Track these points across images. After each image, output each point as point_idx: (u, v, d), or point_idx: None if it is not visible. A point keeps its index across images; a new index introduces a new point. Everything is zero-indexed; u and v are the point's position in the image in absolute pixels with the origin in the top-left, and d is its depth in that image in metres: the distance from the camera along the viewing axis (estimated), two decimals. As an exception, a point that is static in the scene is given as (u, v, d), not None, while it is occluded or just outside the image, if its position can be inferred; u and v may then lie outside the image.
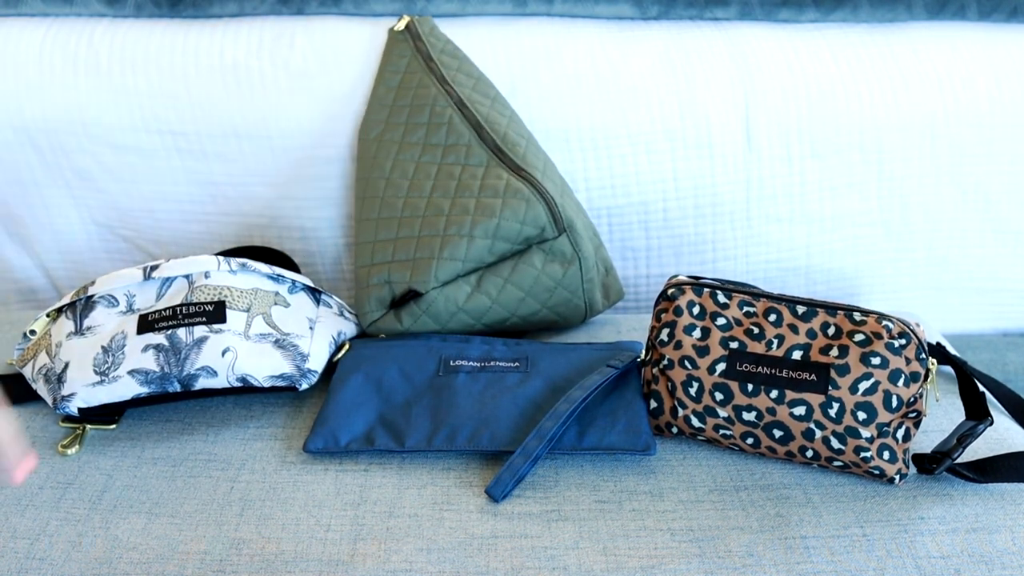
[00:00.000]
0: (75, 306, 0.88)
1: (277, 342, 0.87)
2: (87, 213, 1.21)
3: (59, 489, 0.78)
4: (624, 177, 1.17)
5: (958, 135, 1.18)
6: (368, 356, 0.92)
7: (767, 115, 1.16)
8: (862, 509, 0.77)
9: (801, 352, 0.79)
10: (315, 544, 0.73)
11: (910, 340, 0.78)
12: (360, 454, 0.83)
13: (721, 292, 0.84)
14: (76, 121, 1.15)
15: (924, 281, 1.26)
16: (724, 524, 0.75)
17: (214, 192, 1.18)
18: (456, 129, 1.05)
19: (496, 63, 1.17)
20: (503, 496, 0.77)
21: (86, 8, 1.21)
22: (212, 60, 1.16)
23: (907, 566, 0.71)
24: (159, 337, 0.84)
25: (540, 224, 0.96)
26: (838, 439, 0.77)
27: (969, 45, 1.20)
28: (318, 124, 1.15)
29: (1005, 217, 1.23)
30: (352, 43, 1.18)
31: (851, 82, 1.17)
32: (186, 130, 1.15)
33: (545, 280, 0.98)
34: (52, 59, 1.16)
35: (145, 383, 0.83)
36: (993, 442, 0.85)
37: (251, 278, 0.91)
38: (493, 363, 0.91)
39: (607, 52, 1.18)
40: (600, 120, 1.15)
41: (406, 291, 0.95)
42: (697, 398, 0.81)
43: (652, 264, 1.22)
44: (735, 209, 1.19)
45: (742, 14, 1.23)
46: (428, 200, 0.99)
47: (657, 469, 0.82)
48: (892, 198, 1.21)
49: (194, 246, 1.22)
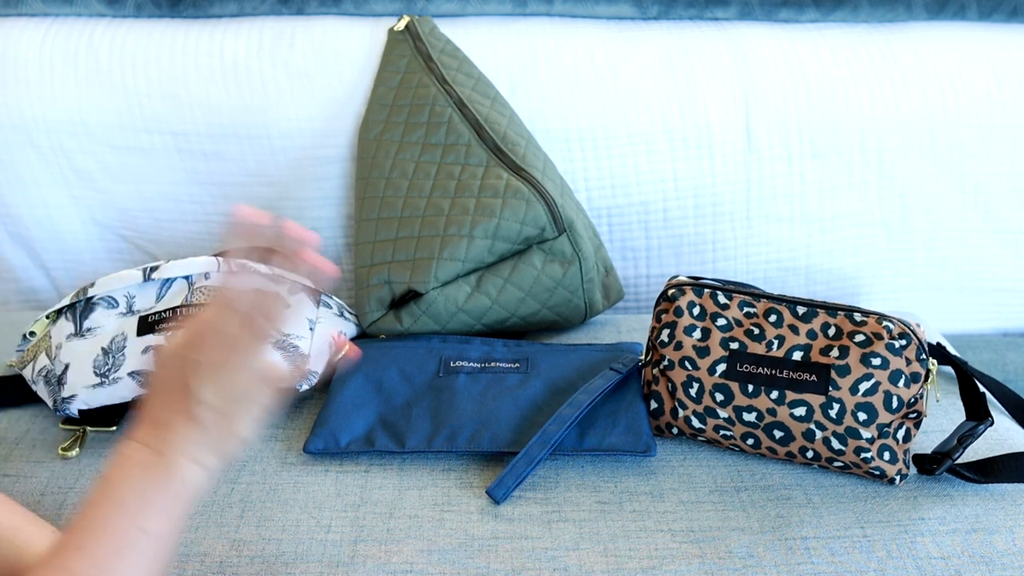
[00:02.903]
0: (75, 308, 0.88)
1: (277, 342, 0.87)
2: (87, 213, 1.20)
3: (60, 495, 0.78)
4: (624, 177, 1.17)
5: (958, 135, 1.18)
6: (368, 357, 0.92)
7: (767, 115, 1.16)
8: (863, 510, 0.77)
9: (801, 353, 0.79)
10: (315, 545, 0.73)
11: (910, 341, 0.78)
12: (360, 455, 0.83)
13: (721, 293, 0.84)
14: (76, 121, 1.15)
15: (924, 281, 1.26)
16: (725, 525, 0.75)
17: (214, 192, 1.18)
18: (456, 129, 1.05)
19: (496, 63, 1.17)
20: (504, 497, 0.77)
21: (86, 8, 1.20)
22: (212, 60, 1.16)
23: (907, 567, 0.71)
24: (159, 338, 0.84)
25: (540, 224, 0.96)
26: (838, 440, 0.77)
27: (969, 45, 1.20)
28: (318, 124, 1.15)
29: (1005, 217, 1.23)
30: (352, 43, 1.18)
31: (851, 82, 1.17)
32: (186, 130, 1.15)
33: (545, 280, 0.98)
34: (52, 59, 1.16)
35: (145, 384, 0.83)
36: (993, 442, 0.85)
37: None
38: (493, 364, 0.91)
39: (607, 52, 1.18)
40: (600, 120, 1.15)
41: (406, 291, 0.95)
42: (697, 399, 0.81)
43: (652, 264, 1.22)
44: (735, 209, 1.19)
45: (742, 14, 1.23)
46: (428, 200, 0.99)
47: (657, 470, 0.82)
48: (892, 198, 1.21)
49: (194, 246, 1.22)
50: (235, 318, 0.61)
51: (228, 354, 0.61)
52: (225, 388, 0.61)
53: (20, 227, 1.21)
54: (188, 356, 0.61)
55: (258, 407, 0.63)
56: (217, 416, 0.61)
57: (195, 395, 0.61)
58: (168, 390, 0.62)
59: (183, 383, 0.61)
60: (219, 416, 0.61)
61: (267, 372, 0.63)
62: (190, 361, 0.61)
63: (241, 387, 0.62)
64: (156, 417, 0.62)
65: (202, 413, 0.61)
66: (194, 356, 0.61)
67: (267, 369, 0.63)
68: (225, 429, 0.62)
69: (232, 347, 0.61)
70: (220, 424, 0.61)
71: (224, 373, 0.61)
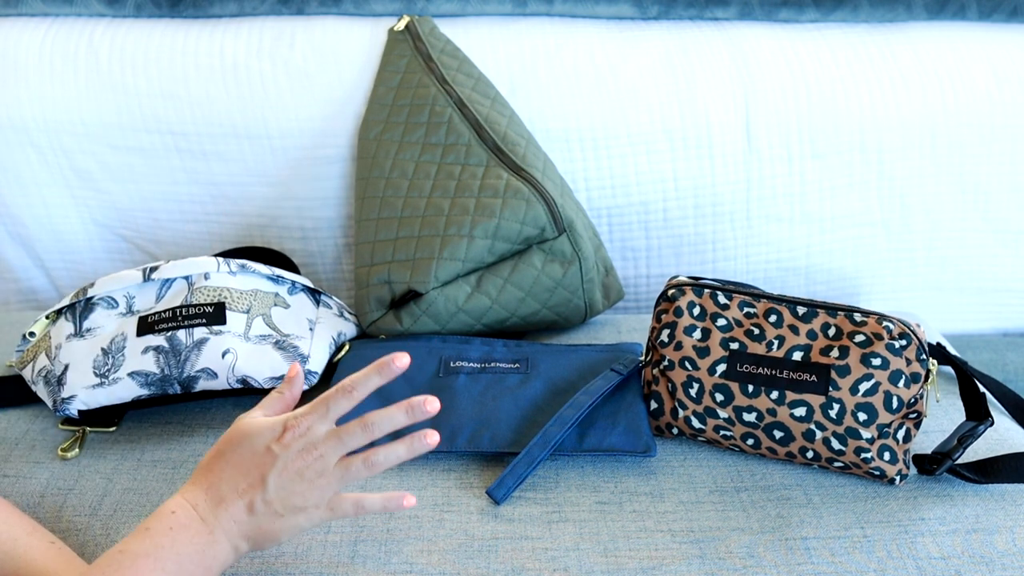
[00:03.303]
0: (74, 308, 0.88)
1: (277, 343, 0.87)
2: (87, 213, 1.20)
3: (60, 496, 0.78)
4: (624, 177, 1.17)
5: (958, 135, 1.18)
6: (368, 357, 0.92)
7: (767, 115, 1.16)
8: (863, 510, 0.77)
9: (802, 353, 0.79)
10: (315, 546, 0.73)
11: (911, 341, 0.78)
12: (360, 455, 0.83)
13: (721, 293, 0.84)
14: (76, 121, 1.15)
15: (924, 281, 1.26)
16: (725, 525, 0.75)
17: (214, 192, 1.18)
18: (456, 129, 1.05)
19: (496, 63, 1.17)
20: (504, 498, 0.77)
21: (86, 8, 1.20)
22: (212, 60, 1.16)
23: (908, 567, 0.71)
24: (159, 339, 0.84)
25: (540, 224, 0.96)
26: (839, 440, 0.77)
27: (969, 45, 1.20)
28: (318, 124, 1.15)
29: (1005, 217, 1.23)
30: (352, 43, 1.18)
31: (851, 82, 1.17)
32: (186, 130, 1.15)
33: (545, 280, 0.98)
34: (52, 59, 1.16)
35: (145, 385, 0.83)
36: (993, 442, 0.85)
37: (251, 279, 0.91)
38: (493, 364, 0.91)
39: (607, 52, 1.18)
40: (600, 120, 1.15)
41: (406, 291, 0.95)
42: (697, 399, 0.81)
43: (652, 264, 1.22)
44: (735, 209, 1.19)
45: (742, 14, 1.23)
46: (428, 200, 0.99)
47: (657, 470, 0.82)
48: (892, 198, 1.21)
49: (194, 246, 1.22)
50: (339, 449, 0.64)
51: (315, 474, 0.63)
52: (293, 497, 0.63)
53: (20, 227, 1.21)
54: (276, 451, 0.63)
55: (307, 523, 0.65)
56: (271, 515, 0.63)
57: (266, 488, 0.63)
58: (240, 467, 0.63)
59: (259, 471, 0.63)
60: (273, 515, 0.63)
61: (334, 503, 0.66)
62: (276, 456, 0.63)
63: (308, 503, 0.64)
64: (217, 490, 0.63)
65: (261, 506, 0.63)
66: (283, 454, 0.63)
67: (335, 501, 0.66)
68: (271, 527, 0.64)
69: (322, 470, 0.63)
70: (269, 521, 0.63)
71: (300, 484, 0.63)
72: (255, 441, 0.63)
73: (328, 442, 0.63)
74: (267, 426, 0.64)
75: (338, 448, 0.64)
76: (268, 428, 0.64)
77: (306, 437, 0.63)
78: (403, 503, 0.67)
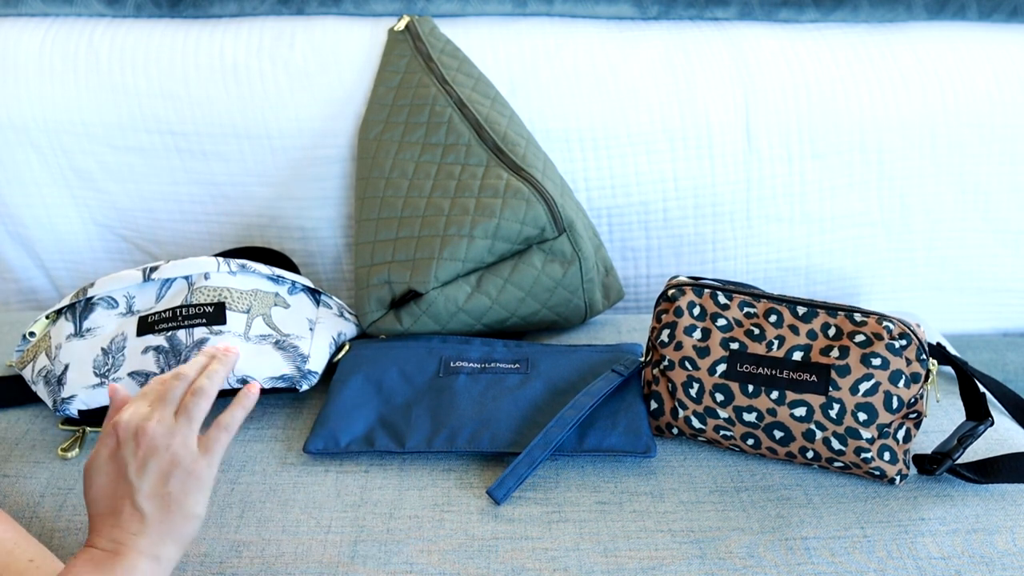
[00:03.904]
0: (74, 308, 0.88)
1: (277, 343, 0.87)
2: (87, 213, 1.20)
3: (60, 496, 0.78)
4: (624, 177, 1.17)
5: (958, 135, 1.18)
6: (368, 357, 0.92)
7: (767, 115, 1.16)
8: (863, 510, 0.77)
9: (802, 353, 0.79)
10: (315, 546, 0.73)
11: (911, 341, 0.78)
12: (360, 455, 0.83)
13: (721, 293, 0.84)
14: (76, 121, 1.15)
15: (924, 281, 1.26)
16: (725, 525, 0.75)
17: (214, 192, 1.18)
18: (456, 129, 1.05)
19: (496, 63, 1.17)
20: (505, 498, 0.77)
21: (86, 8, 1.20)
22: (212, 60, 1.16)
23: (908, 567, 0.71)
24: (159, 339, 0.84)
25: (540, 224, 0.96)
26: (839, 440, 0.77)
27: (969, 45, 1.20)
28: (318, 124, 1.15)
29: (1005, 217, 1.23)
30: (352, 43, 1.18)
31: (851, 82, 1.17)
32: (186, 130, 1.15)
33: (545, 280, 0.98)
34: (52, 59, 1.16)
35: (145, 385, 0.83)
36: (993, 443, 0.85)
37: (251, 279, 0.91)
38: (493, 364, 0.91)
39: (607, 52, 1.18)
40: (600, 120, 1.15)
41: (406, 291, 0.95)
42: (698, 399, 0.81)
43: (652, 264, 1.22)
44: (735, 209, 1.19)
45: (742, 14, 1.23)
46: (428, 200, 0.99)
47: (658, 470, 0.82)
48: (892, 198, 1.21)
49: (194, 246, 1.22)
50: (146, 411, 0.67)
51: (148, 446, 0.65)
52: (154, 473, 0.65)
53: (20, 227, 1.21)
54: (115, 456, 0.65)
55: (194, 481, 0.66)
56: (159, 502, 0.64)
57: (133, 487, 0.64)
58: (108, 495, 0.65)
59: (120, 481, 0.65)
60: (160, 501, 0.64)
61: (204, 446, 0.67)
62: (118, 459, 0.65)
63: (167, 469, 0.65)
64: (104, 520, 0.64)
65: (143, 502, 0.64)
66: (120, 453, 0.65)
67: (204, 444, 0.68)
68: (171, 513, 0.65)
69: (150, 440, 0.66)
70: (164, 509, 0.64)
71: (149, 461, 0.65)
72: (98, 462, 0.66)
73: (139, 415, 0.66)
74: (98, 446, 0.67)
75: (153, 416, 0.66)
76: (101, 446, 0.66)
77: (121, 429, 0.66)
78: (251, 391, 0.72)
